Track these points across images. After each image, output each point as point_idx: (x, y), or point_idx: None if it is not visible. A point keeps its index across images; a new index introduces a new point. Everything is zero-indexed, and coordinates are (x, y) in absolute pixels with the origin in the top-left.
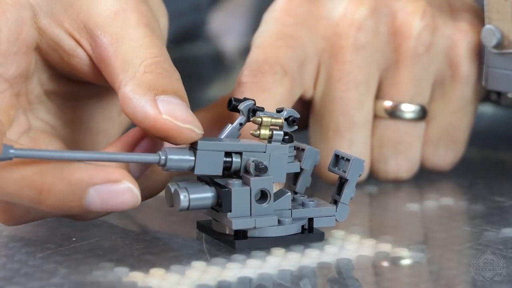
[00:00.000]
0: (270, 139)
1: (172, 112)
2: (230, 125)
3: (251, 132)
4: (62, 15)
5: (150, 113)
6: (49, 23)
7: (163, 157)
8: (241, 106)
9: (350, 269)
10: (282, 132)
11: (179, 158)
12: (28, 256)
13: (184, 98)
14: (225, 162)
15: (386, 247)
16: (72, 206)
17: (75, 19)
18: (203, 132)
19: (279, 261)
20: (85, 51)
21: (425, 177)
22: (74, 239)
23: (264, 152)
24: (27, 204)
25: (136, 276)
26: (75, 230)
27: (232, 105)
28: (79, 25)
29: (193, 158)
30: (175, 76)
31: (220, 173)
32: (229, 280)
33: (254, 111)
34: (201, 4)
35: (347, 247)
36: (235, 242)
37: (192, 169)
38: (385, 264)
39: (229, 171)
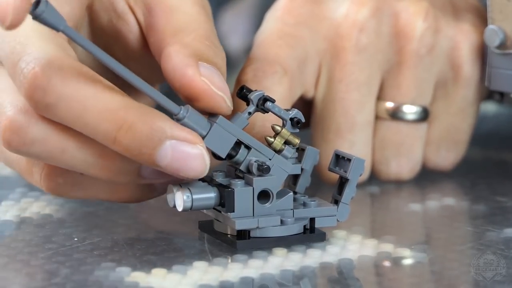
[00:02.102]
0: (279, 152)
1: (210, 77)
2: (238, 113)
3: (266, 136)
4: None
5: (189, 72)
6: None
7: (183, 112)
8: (252, 95)
9: (352, 269)
10: (293, 151)
11: (196, 120)
12: (30, 256)
13: (225, 75)
14: (232, 148)
15: (388, 247)
16: (143, 153)
17: None
18: (232, 107)
19: (281, 261)
20: (137, 18)
21: (427, 177)
22: (76, 239)
23: (270, 159)
24: (100, 140)
25: (138, 276)
26: (76, 231)
27: (242, 93)
28: None
29: (208, 128)
30: (221, 55)
31: (223, 155)
32: (231, 280)
33: (264, 100)
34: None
35: (349, 247)
36: (236, 242)
37: (203, 137)
38: (387, 264)
39: (230, 159)
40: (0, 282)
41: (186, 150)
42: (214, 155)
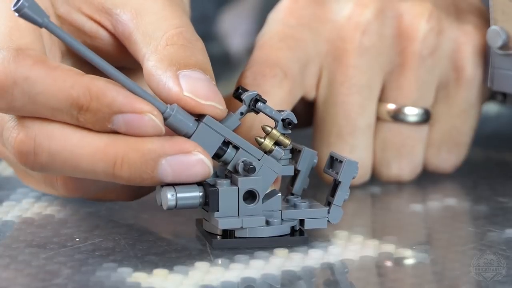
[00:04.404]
0: (269, 152)
1: (193, 89)
2: (231, 113)
3: (256, 136)
4: (78, 0)
5: (172, 91)
6: (67, 10)
7: (169, 111)
8: (244, 96)
9: (354, 270)
10: (283, 152)
11: (182, 119)
12: (32, 256)
13: (208, 70)
14: (220, 148)
15: (389, 247)
16: (145, 178)
17: (92, 2)
18: (226, 108)
19: (282, 262)
20: (108, 30)
21: (428, 177)
22: (77, 239)
23: (259, 160)
24: (101, 178)
25: (140, 276)
26: (78, 231)
27: (238, 93)
28: (97, 7)
29: (195, 127)
30: (198, 46)
31: (210, 155)
32: (232, 281)
33: (256, 100)
34: (208, 14)
35: (350, 247)
36: (212, 241)
37: (189, 136)
38: (389, 264)
39: (219, 159)
40: (1, 283)
41: (183, 161)
42: None
